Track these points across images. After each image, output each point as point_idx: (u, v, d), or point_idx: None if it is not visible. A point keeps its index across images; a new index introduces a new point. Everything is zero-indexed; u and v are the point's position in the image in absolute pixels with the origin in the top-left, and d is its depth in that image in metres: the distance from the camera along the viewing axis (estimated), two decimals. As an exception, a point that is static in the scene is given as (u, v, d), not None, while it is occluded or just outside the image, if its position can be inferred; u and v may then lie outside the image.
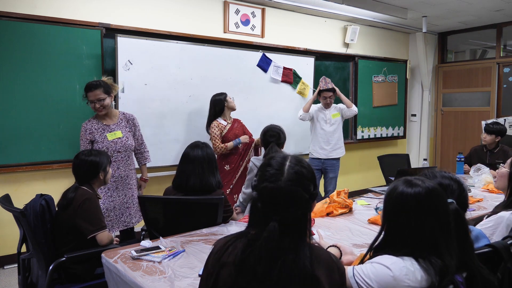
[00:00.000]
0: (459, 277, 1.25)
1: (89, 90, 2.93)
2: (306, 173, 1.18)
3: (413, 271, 1.19)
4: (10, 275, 3.39)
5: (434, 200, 1.26)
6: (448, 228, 1.26)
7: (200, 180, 2.29)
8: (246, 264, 1.10)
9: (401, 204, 1.27)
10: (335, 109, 4.54)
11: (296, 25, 5.30)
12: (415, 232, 1.24)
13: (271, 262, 1.08)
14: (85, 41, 3.71)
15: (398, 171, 3.05)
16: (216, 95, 3.88)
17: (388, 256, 1.24)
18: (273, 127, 3.00)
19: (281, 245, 1.10)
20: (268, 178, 1.15)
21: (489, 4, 5.19)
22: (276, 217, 1.12)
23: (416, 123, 6.99)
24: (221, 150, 3.78)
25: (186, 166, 2.32)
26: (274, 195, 1.13)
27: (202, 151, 2.35)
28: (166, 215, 2.33)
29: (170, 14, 4.24)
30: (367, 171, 6.31)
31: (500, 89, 6.33)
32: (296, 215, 1.14)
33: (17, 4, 3.42)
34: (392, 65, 6.48)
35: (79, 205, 2.14)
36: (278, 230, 1.10)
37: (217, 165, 2.42)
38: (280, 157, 1.21)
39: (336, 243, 1.68)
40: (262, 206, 1.15)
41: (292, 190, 1.13)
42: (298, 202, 1.14)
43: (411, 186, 1.27)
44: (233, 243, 1.17)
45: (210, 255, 1.23)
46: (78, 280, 2.17)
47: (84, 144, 2.95)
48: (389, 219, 1.31)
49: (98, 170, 2.31)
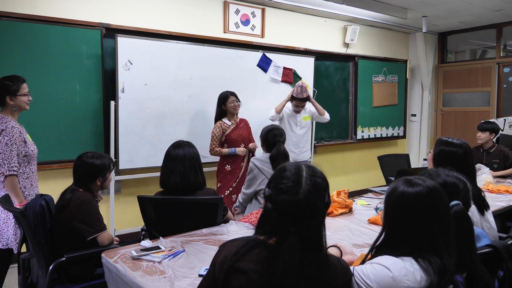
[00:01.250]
0: (459, 277, 1.25)
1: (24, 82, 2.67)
2: (322, 182, 1.18)
3: (413, 271, 1.19)
4: (10, 275, 3.38)
5: (434, 200, 1.26)
6: (448, 227, 1.26)
7: (181, 179, 2.28)
8: (272, 277, 1.10)
9: (402, 203, 1.28)
10: (306, 112, 4.35)
11: (296, 25, 5.30)
12: (415, 232, 1.25)
13: (297, 275, 1.09)
14: (85, 41, 3.71)
15: (398, 171, 3.05)
16: (222, 93, 3.84)
17: (388, 257, 1.24)
18: (275, 127, 2.97)
19: (303, 258, 1.10)
20: (286, 191, 1.13)
21: (489, 4, 5.19)
22: (295, 228, 1.11)
23: (416, 123, 6.99)
24: (215, 153, 3.77)
25: (168, 165, 2.33)
26: (292, 208, 1.12)
27: (183, 150, 2.34)
28: (166, 215, 2.33)
29: (170, 14, 4.24)
30: (367, 171, 6.31)
31: (500, 89, 6.33)
32: (314, 225, 1.15)
33: (17, 4, 3.42)
34: (392, 65, 6.48)
35: (77, 207, 2.14)
36: (299, 242, 1.10)
37: (200, 164, 2.39)
38: (294, 167, 1.19)
39: (336, 243, 1.68)
40: (279, 217, 1.14)
41: (310, 203, 1.13)
42: (316, 213, 1.14)
43: (411, 186, 1.28)
44: (249, 251, 1.16)
45: (219, 260, 1.21)
46: (78, 280, 2.16)
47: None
48: (390, 219, 1.31)
49: (96, 176, 2.26)
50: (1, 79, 2.59)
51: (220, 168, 3.86)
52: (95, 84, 3.77)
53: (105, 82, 3.84)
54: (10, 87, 2.55)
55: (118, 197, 4.04)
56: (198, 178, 2.34)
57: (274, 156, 2.76)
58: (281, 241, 1.11)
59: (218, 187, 3.85)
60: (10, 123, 2.52)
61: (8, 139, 2.47)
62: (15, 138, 2.50)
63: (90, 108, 3.81)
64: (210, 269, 1.24)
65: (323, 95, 5.59)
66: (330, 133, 5.85)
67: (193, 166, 2.33)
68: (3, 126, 2.48)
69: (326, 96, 5.67)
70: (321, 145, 5.66)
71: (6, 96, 2.54)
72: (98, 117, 3.84)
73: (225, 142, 3.81)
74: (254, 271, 1.12)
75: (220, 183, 3.85)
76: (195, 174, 2.32)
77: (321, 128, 5.66)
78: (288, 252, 1.09)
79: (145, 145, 4.00)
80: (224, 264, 1.17)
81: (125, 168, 3.91)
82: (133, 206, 3.92)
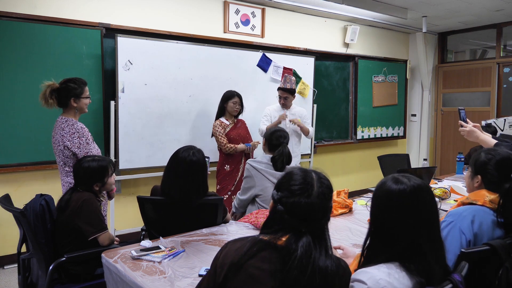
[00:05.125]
0: (458, 276, 1.24)
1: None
2: (329, 184, 1.24)
3: (391, 282, 1.16)
4: (10, 275, 3.39)
5: (417, 198, 1.24)
6: (431, 229, 1.24)
7: (180, 193, 2.19)
8: (288, 275, 1.12)
9: (385, 200, 1.27)
10: (294, 116, 4.09)
11: (296, 25, 5.30)
12: (396, 231, 1.23)
13: (311, 273, 1.13)
14: (85, 41, 3.71)
15: (398, 171, 3.04)
16: (228, 91, 3.86)
17: (366, 270, 1.21)
18: (280, 129, 2.91)
19: (316, 257, 1.15)
20: (299, 193, 1.18)
21: (489, 4, 5.19)
22: (307, 229, 1.17)
23: (416, 123, 6.99)
24: (229, 149, 3.76)
25: (169, 174, 2.24)
26: (306, 210, 1.17)
27: (190, 159, 2.21)
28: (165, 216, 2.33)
29: (170, 14, 4.24)
30: (367, 171, 6.31)
31: (500, 89, 6.33)
32: (322, 225, 1.21)
33: (17, 4, 3.42)
34: (392, 65, 6.48)
35: (78, 207, 2.14)
36: (312, 243, 1.16)
37: (205, 174, 2.27)
38: (302, 171, 1.25)
39: (340, 245, 1.67)
40: (291, 219, 1.18)
41: (323, 204, 1.20)
42: (326, 214, 1.21)
43: (397, 183, 1.26)
44: (258, 253, 1.17)
45: (220, 259, 1.22)
46: (78, 280, 2.16)
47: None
48: (373, 216, 1.31)
49: (94, 179, 2.25)
50: (65, 81, 2.65)
51: (220, 168, 3.87)
52: (95, 84, 3.77)
53: (105, 82, 3.84)
54: (75, 90, 2.63)
55: (118, 197, 4.04)
56: (198, 191, 2.24)
57: (276, 158, 2.72)
58: (295, 241, 1.15)
59: (218, 189, 3.86)
60: (78, 124, 2.62)
61: (86, 138, 2.59)
62: (90, 138, 2.64)
63: (90, 108, 3.73)
64: (211, 269, 1.25)
65: (323, 95, 5.60)
66: (330, 133, 5.85)
67: (195, 180, 2.22)
68: (73, 129, 2.57)
69: (326, 96, 5.68)
70: (321, 145, 5.66)
71: (70, 98, 2.62)
72: (98, 117, 3.84)
73: None
74: (264, 271, 1.14)
75: (219, 185, 3.85)
76: (196, 189, 2.22)
77: (321, 128, 5.66)
78: (303, 250, 1.13)
79: (145, 145, 4.00)
80: (227, 263, 1.18)
81: (125, 168, 3.91)
82: (133, 206, 3.92)
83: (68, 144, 2.54)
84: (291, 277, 1.12)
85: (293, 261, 1.12)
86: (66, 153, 2.57)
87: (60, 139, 2.56)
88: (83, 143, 2.56)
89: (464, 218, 1.66)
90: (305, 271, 1.12)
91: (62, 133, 2.56)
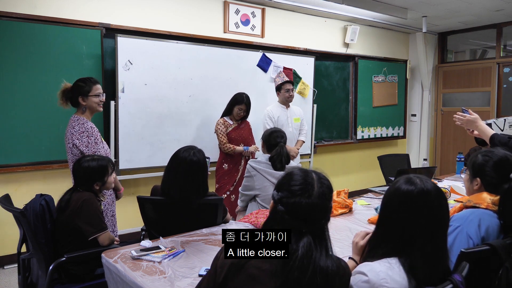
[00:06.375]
0: (458, 276, 1.25)
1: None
2: (329, 185, 1.24)
3: (391, 275, 1.19)
4: (10, 275, 3.39)
5: (423, 201, 1.25)
6: (431, 233, 1.25)
7: (180, 193, 2.19)
8: (289, 275, 1.12)
9: (394, 199, 1.29)
10: (295, 114, 4.23)
11: (296, 25, 5.30)
12: (397, 229, 1.26)
13: (312, 273, 1.13)
14: (85, 41, 3.71)
15: (398, 171, 3.05)
16: (239, 95, 3.86)
17: (368, 263, 1.25)
18: (277, 129, 2.96)
19: (316, 257, 1.15)
20: (300, 194, 1.18)
21: (489, 4, 5.19)
22: (307, 229, 1.17)
23: (416, 123, 6.99)
24: (228, 149, 3.77)
25: (170, 174, 2.23)
26: (307, 210, 1.18)
27: (191, 160, 2.20)
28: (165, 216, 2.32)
29: (170, 14, 4.24)
30: (367, 171, 6.31)
31: (500, 89, 6.34)
32: (322, 225, 1.21)
33: (17, 4, 3.42)
34: (392, 65, 6.49)
35: (78, 207, 2.14)
36: (312, 243, 1.16)
37: (205, 174, 2.27)
38: (302, 171, 1.25)
39: (354, 256, 1.56)
40: (292, 220, 1.18)
41: (323, 204, 1.20)
42: (326, 214, 1.22)
43: (408, 184, 1.28)
44: None
45: (221, 259, 1.22)
46: (78, 280, 2.16)
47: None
48: (381, 213, 1.34)
49: (93, 179, 2.24)
50: (76, 80, 2.68)
51: (219, 166, 3.88)
52: (95, 84, 3.77)
53: (105, 82, 3.83)
54: (82, 88, 2.64)
55: (118, 197, 4.04)
56: (198, 191, 2.23)
57: (274, 157, 2.76)
58: (296, 241, 1.15)
59: (217, 188, 3.86)
60: (88, 123, 2.63)
61: (94, 138, 2.60)
62: (99, 138, 2.65)
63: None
64: (211, 269, 1.25)
65: (323, 95, 5.60)
66: (330, 133, 5.85)
67: (196, 180, 2.21)
68: (82, 128, 2.59)
69: (326, 96, 5.68)
70: (321, 145, 5.66)
71: (78, 96, 2.63)
72: (98, 117, 3.84)
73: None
74: (264, 271, 1.14)
75: (218, 184, 3.86)
76: (196, 189, 2.22)
77: (321, 128, 5.66)
78: (304, 250, 1.14)
79: (145, 145, 4.00)
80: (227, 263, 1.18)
81: (125, 168, 3.91)
82: (133, 206, 3.90)
83: (77, 142, 2.57)
84: (291, 278, 1.12)
85: (294, 262, 1.12)
86: (75, 151, 2.59)
87: (70, 137, 2.60)
88: (91, 142, 2.58)
89: (471, 223, 1.64)
90: (306, 271, 1.12)
91: (72, 131, 2.59)
